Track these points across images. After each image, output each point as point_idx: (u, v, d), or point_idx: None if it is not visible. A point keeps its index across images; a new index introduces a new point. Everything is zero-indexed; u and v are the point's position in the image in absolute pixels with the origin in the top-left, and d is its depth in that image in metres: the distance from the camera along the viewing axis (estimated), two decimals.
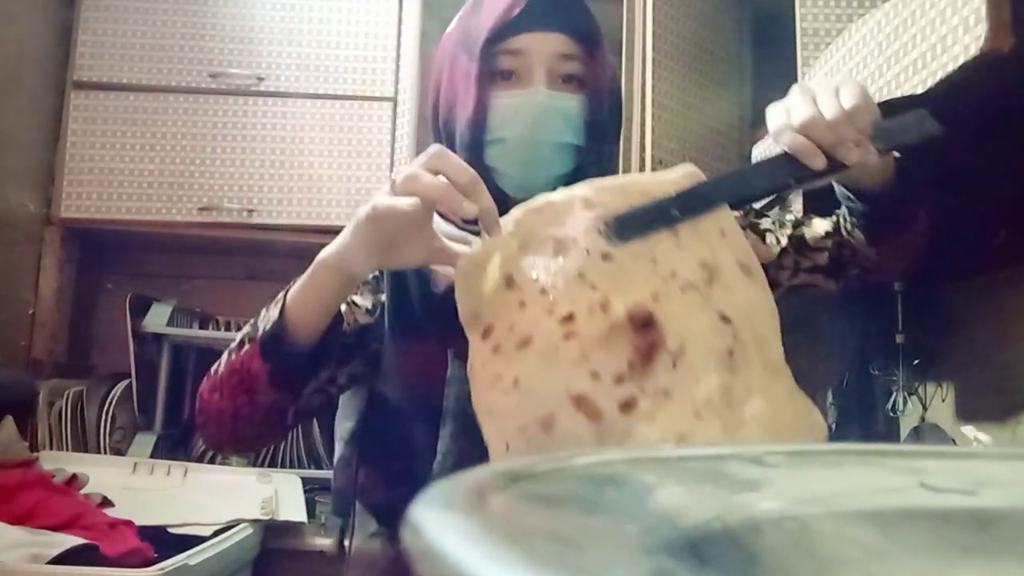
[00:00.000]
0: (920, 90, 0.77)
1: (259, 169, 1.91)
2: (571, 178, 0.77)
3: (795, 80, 1.20)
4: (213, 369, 0.79)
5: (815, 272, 0.86)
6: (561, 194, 0.64)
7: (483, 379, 0.60)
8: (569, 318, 0.59)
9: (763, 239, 0.87)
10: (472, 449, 0.69)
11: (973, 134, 0.90)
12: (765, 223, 0.88)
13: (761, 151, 1.12)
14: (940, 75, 0.73)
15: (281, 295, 0.74)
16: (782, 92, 0.71)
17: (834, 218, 0.86)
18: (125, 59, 1.93)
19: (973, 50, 0.68)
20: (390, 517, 0.85)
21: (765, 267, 0.67)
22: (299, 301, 0.71)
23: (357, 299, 0.84)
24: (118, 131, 1.91)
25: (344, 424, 0.90)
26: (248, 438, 0.79)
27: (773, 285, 0.80)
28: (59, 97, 1.93)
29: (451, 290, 0.65)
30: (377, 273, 0.84)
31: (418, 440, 0.79)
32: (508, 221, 0.63)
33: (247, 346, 0.73)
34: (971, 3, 0.68)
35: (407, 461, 0.81)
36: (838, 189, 0.79)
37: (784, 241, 0.87)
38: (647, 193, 0.64)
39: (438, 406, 0.76)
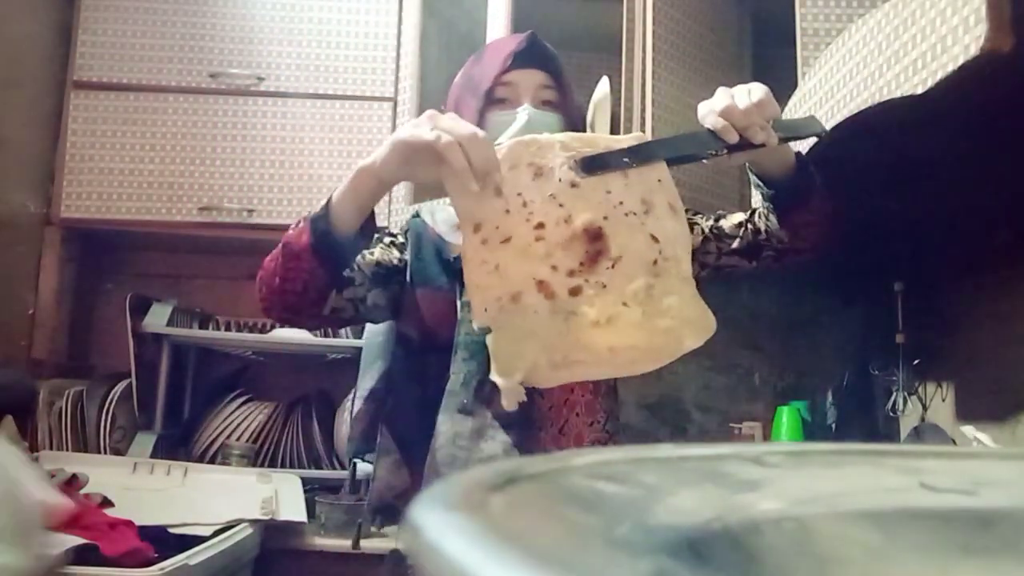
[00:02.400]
0: (920, 90, 0.77)
1: (259, 169, 1.91)
2: None
3: (795, 80, 1.21)
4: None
5: (732, 254, 1.07)
6: (545, 136, 0.85)
7: (474, 262, 0.80)
8: (540, 226, 0.80)
9: (692, 230, 1.07)
10: (476, 369, 0.98)
11: (973, 134, 0.90)
12: (697, 219, 1.11)
13: None
14: (940, 75, 0.73)
15: (328, 197, 0.91)
16: (783, 92, 0.71)
17: (748, 213, 1.07)
18: (125, 59, 1.93)
19: (973, 50, 0.68)
20: (409, 443, 1.04)
21: (694, 252, 0.89)
22: (341, 198, 0.89)
23: (389, 248, 1.07)
24: (118, 131, 1.91)
25: (364, 384, 1.13)
26: (293, 307, 0.95)
27: (703, 266, 1.08)
28: (59, 97, 1.93)
29: (459, 259, 0.85)
30: (402, 238, 1.09)
31: (434, 368, 1.01)
32: (503, 148, 0.82)
33: (301, 224, 0.93)
34: (971, 3, 0.68)
35: (426, 387, 1.02)
36: (753, 179, 1.00)
37: (706, 230, 1.09)
38: (608, 147, 0.85)
39: (450, 338, 1.01)
